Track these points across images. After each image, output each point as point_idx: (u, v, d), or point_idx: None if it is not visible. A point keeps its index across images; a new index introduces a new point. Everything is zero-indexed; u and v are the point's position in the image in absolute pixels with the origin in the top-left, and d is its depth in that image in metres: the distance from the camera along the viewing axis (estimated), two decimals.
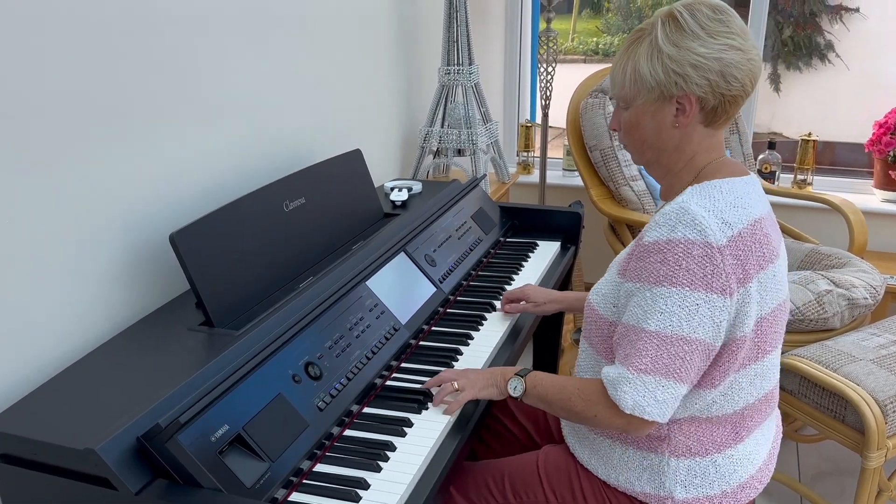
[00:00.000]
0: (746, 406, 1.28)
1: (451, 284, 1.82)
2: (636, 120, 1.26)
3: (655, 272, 1.16)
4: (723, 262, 1.14)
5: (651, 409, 1.17)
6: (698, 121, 1.23)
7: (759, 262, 1.19)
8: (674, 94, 1.20)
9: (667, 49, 1.18)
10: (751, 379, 1.25)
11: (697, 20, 1.18)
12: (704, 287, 1.13)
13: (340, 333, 1.43)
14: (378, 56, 2.52)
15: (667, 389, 1.16)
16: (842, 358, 1.98)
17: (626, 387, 1.17)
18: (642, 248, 1.19)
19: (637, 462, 1.30)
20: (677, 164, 1.27)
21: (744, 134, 2.90)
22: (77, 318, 1.42)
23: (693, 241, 1.14)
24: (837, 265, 2.49)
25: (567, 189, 3.45)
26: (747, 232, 1.18)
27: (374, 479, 1.19)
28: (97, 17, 1.40)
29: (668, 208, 1.18)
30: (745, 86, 1.20)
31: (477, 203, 2.16)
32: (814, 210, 3.06)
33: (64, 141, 1.36)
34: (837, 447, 2.51)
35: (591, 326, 1.34)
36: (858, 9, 3.94)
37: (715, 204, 1.18)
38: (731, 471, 1.29)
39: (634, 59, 1.22)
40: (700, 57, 1.17)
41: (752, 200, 1.22)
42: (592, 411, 1.24)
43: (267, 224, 1.62)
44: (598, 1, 4.96)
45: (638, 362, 1.16)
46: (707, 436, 1.27)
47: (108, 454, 1.04)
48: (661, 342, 1.15)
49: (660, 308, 1.15)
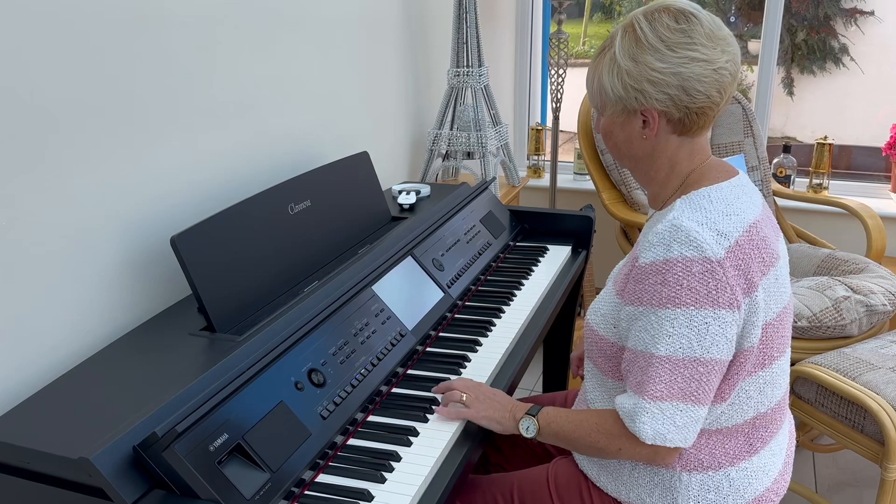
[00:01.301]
0: (757, 415, 1.24)
1: (460, 289, 1.78)
2: (609, 129, 1.24)
3: (657, 294, 1.12)
4: (724, 275, 1.10)
5: (672, 436, 1.13)
6: (668, 131, 1.19)
7: (760, 268, 1.15)
8: (636, 107, 1.17)
9: (624, 64, 1.15)
10: (760, 387, 1.22)
11: (657, 32, 1.13)
12: (711, 304, 1.10)
13: (345, 339, 1.40)
14: (386, 57, 2.49)
15: (686, 413, 1.12)
16: (860, 366, 1.93)
17: (644, 417, 1.13)
18: (639, 270, 1.15)
19: (648, 478, 1.25)
20: (657, 172, 1.24)
21: (758, 137, 2.85)
22: (75, 323, 1.40)
23: (691, 258, 1.10)
24: (855, 271, 2.44)
25: (578, 193, 3.41)
26: (744, 239, 1.14)
27: (378, 491, 1.15)
28: (101, 17, 1.38)
29: (661, 227, 1.14)
30: (712, 97, 1.15)
31: (486, 206, 2.12)
32: (830, 215, 3.01)
33: (64, 141, 1.34)
34: (855, 457, 2.46)
35: (593, 347, 1.30)
36: (873, 12, 3.90)
37: (707, 216, 1.14)
38: (745, 484, 1.25)
39: (599, 72, 1.20)
40: (656, 72, 1.13)
41: (743, 205, 1.18)
42: (616, 445, 1.20)
43: (271, 227, 1.59)
44: (609, 5, 4.94)
45: (652, 390, 1.12)
46: (719, 448, 1.23)
47: (103, 464, 1.00)
48: (674, 366, 1.11)
49: (667, 331, 1.11)
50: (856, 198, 2.87)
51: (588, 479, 1.34)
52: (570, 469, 1.37)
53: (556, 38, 2.95)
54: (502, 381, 1.48)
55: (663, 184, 1.24)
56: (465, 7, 2.55)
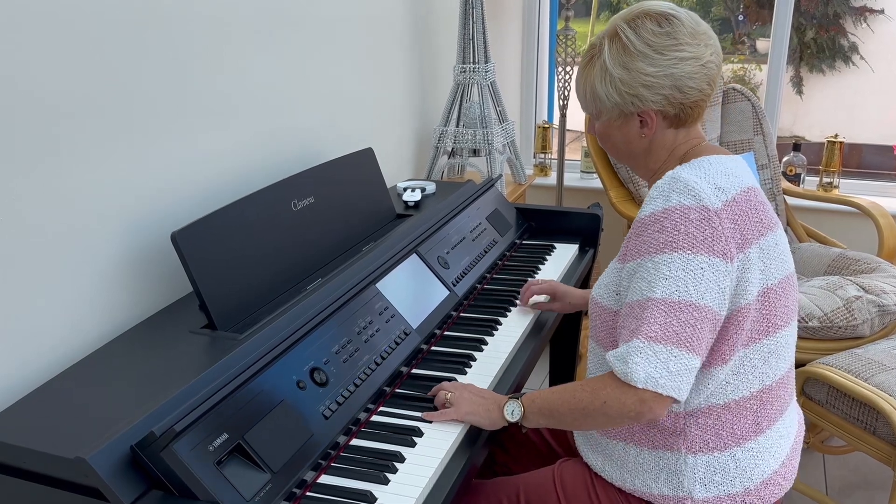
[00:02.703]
0: (763, 388, 1.22)
1: (465, 288, 1.76)
2: (606, 133, 1.29)
3: (655, 241, 1.14)
4: (720, 224, 1.13)
5: (665, 382, 1.09)
6: (664, 127, 1.25)
7: (757, 228, 1.18)
8: (632, 111, 1.23)
9: (616, 73, 1.21)
10: (764, 357, 1.21)
11: (643, 38, 1.19)
12: (706, 250, 1.12)
13: (348, 338, 1.38)
14: (392, 54, 2.47)
15: (679, 360, 1.10)
16: (872, 367, 1.90)
17: (637, 357, 1.10)
18: (639, 223, 1.18)
19: (653, 462, 1.24)
20: (656, 163, 1.29)
21: (768, 136, 2.82)
22: (74, 320, 1.37)
23: (689, 206, 1.13)
24: (866, 270, 2.41)
25: (585, 191, 3.38)
26: (741, 198, 1.17)
27: (381, 493, 1.13)
28: (104, 15, 1.36)
29: (660, 181, 1.18)
30: (703, 90, 1.21)
31: (492, 204, 2.10)
32: (840, 214, 2.98)
33: (66, 138, 1.32)
34: (867, 459, 2.42)
35: (597, 322, 1.30)
36: (883, 10, 3.86)
37: (706, 172, 1.18)
38: (752, 465, 1.23)
39: (591, 81, 1.25)
40: (650, 77, 1.19)
41: (740, 172, 1.22)
42: (600, 398, 1.16)
43: (274, 224, 1.57)
44: (616, 4, 4.92)
45: (647, 330, 1.11)
46: (726, 428, 1.21)
47: (100, 463, 0.98)
48: (670, 308, 1.11)
49: (664, 274, 1.12)
50: (867, 196, 2.83)
51: (593, 474, 1.32)
52: (576, 468, 1.35)
53: (563, 34, 2.92)
54: (508, 381, 1.46)
55: (662, 171, 1.27)
56: (472, 2, 2.53)
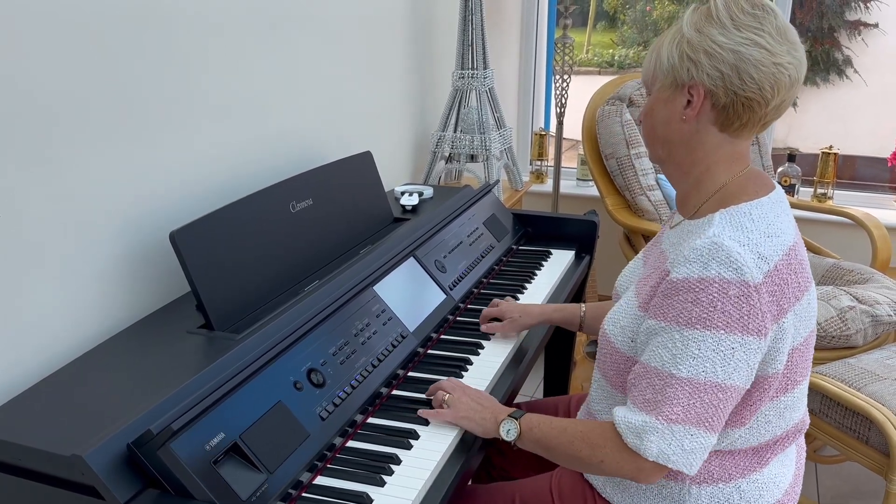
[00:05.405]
0: (774, 438, 1.21)
1: (462, 291, 1.76)
2: (651, 107, 1.21)
3: (687, 313, 1.07)
4: (759, 300, 1.06)
5: (676, 459, 1.08)
6: (709, 120, 1.15)
7: (795, 293, 1.11)
8: (685, 81, 1.14)
9: (688, 33, 1.13)
10: (780, 412, 1.19)
11: (729, 9, 1.12)
12: (741, 329, 1.05)
13: (345, 339, 1.37)
14: (391, 58, 2.47)
15: (695, 439, 1.08)
16: (865, 376, 1.91)
17: (653, 436, 1.08)
18: (670, 284, 1.10)
19: (656, 491, 1.22)
20: (692, 167, 1.19)
21: (763, 146, 2.83)
22: (71, 319, 1.37)
23: (729, 280, 1.05)
24: (860, 281, 2.42)
25: (581, 199, 3.39)
26: (783, 264, 1.10)
27: (377, 494, 1.13)
28: (104, 14, 1.36)
29: (700, 243, 1.09)
30: (763, 89, 1.10)
31: (489, 209, 2.10)
32: (834, 225, 2.99)
33: (65, 137, 1.31)
34: (860, 469, 2.43)
35: (606, 358, 1.26)
36: (878, 24, 3.89)
37: (749, 236, 1.09)
38: (756, 496, 1.21)
39: (662, 42, 1.18)
40: (716, 45, 1.10)
41: (783, 224, 1.14)
42: (598, 456, 1.14)
43: (272, 225, 1.57)
44: (613, 14, 4.94)
45: (668, 411, 1.07)
46: (730, 461, 1.20)
47: (96, 461, 0.98)
48: (694, 390, 1.07)
49: (692, 353, 1.06)
50: (861, 208, 2.84)
51: (593, 490, 1.30)
52: (575, 479, 1.33)
53: (561, 43, 2.93)
54: (503, 387, 1.46)
55: (696, 185, 1.20)
56: (472, 9, 2.54)
